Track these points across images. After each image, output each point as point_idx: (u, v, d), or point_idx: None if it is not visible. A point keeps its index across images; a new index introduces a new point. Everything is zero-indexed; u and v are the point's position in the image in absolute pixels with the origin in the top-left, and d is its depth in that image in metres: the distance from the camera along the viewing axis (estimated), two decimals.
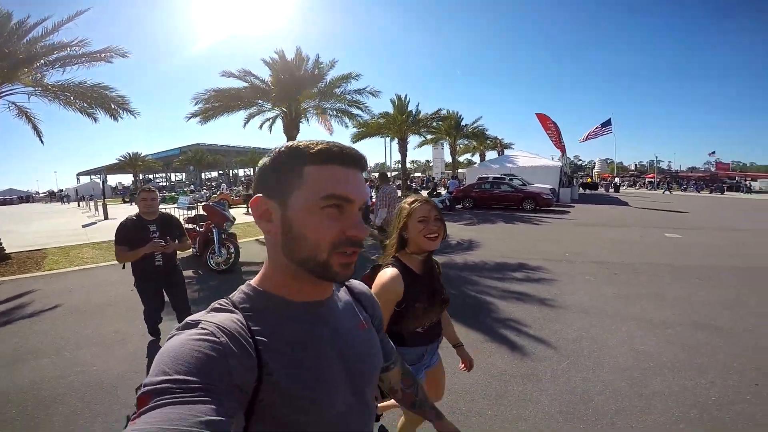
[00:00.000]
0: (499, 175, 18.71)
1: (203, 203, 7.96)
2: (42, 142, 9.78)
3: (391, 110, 19.07)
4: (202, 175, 49.01)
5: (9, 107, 8.82)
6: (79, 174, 56.86)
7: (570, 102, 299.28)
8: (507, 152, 28.37)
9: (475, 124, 25.73)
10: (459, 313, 3.94)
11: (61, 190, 44.91)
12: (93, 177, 48.01)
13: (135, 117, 9.72)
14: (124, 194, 35.32)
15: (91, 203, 21.01)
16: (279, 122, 13.05)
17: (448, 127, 24.64)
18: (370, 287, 1.22)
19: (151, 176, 56.06)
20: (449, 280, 5.27)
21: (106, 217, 15.36)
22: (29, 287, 5.41)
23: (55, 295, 4.95)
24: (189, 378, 0.42)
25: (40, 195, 52.79)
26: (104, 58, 8.72)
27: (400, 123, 18.52)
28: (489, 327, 3.70)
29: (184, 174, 54.63)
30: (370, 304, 0.76)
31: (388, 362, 0.85)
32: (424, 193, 16.68)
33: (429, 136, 24.61)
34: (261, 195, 0.55)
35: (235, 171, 54.91)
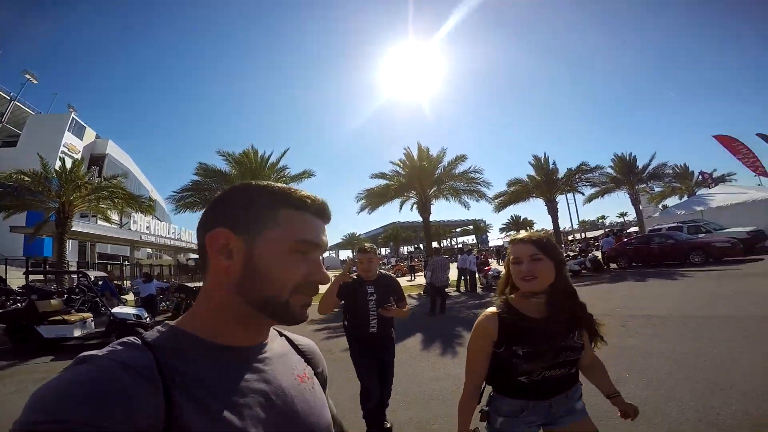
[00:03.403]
0: (676, 224, 15.63)
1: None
2: None
3: (532, 173, 19.80)
4: (403, 249, 58.91)
5: None
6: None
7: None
8: (713, 189, 22.04)
9: (654, 165, 22.04)
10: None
11: None
12: (331, 252, 66.66)
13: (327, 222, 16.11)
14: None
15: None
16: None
17: (621, 174, 22.30)
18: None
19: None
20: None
21: None
22: None
23: None
24: (73, 420, 0.37)
25: None
26: (306, 177, 15.49)
27: (537, 184, 18.96)
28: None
29: (389, 249, 66.69)
30: (314, 358, 0.72)
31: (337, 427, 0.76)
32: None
33: (591, 191, 22.75)
34: (225, 228, 0.53)
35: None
